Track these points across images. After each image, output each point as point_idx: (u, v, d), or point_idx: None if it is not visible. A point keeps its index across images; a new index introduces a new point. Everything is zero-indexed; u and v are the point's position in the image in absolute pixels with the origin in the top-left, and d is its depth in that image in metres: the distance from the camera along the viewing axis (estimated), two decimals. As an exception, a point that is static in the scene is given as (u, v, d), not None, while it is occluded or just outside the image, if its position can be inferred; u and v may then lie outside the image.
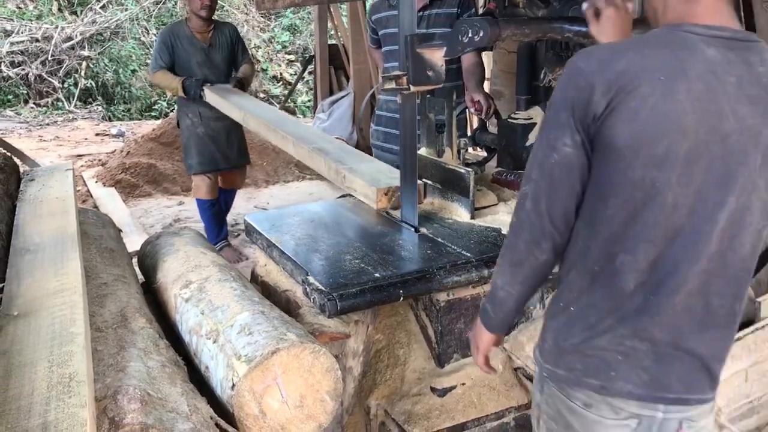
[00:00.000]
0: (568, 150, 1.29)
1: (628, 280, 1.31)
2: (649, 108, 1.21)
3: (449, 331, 2.25)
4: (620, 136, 1.23)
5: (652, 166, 1.23)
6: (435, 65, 2.19)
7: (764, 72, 1.27)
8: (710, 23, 1.27)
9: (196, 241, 2.62)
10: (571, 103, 1.27)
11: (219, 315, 1.91)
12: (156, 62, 4.56)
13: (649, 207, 1.26)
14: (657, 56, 1.24)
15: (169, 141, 6.90)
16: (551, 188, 1.33)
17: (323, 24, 7.51)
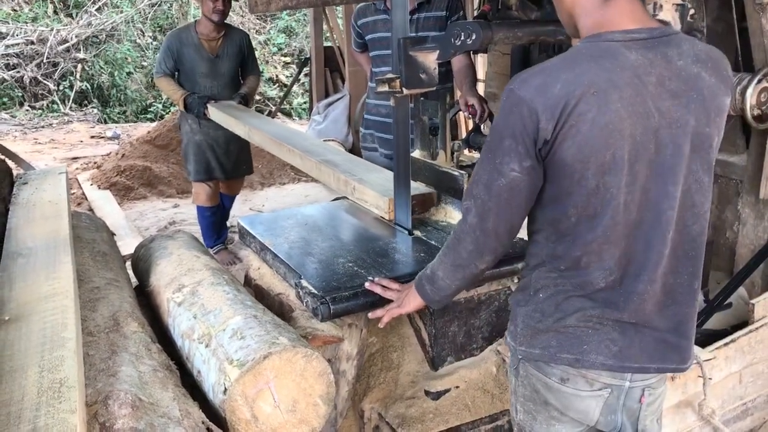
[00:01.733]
0: (515, 174, 1.38)
1: (597, 278, 1.42)
2: (590, 123, 1.30)
3: (443, 333, 2.25)
4: (570, 153, 1.32)
5: (603, 173, 1.33)
6: (428, 68, 2.19)
7: (683, 65, 1.36)
8: (627, 27, 1.35)
9: (189, 245, 2.61)
10: (516, 131, 1.35)
11: (211, 319, 1.90)
12: (160, 67, 4.43)
13: (606, 210, 1.36)
14: (587, 72, 1.31)
15: (165, 143, 6.89)
16: (499, 209, 1.44)
17: (318, 26, 7.52)
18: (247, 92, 4.50)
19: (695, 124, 1.37)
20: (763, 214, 2.85)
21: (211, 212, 4.72)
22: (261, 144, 3.60)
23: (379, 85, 2.29)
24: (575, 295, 1.45)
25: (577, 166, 1.33)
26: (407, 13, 2.23)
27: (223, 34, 4.43)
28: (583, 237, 1.40)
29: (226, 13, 4.32)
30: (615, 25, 1.36)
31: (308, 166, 2.99)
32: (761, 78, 2.36)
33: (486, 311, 2.30)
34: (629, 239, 1.40)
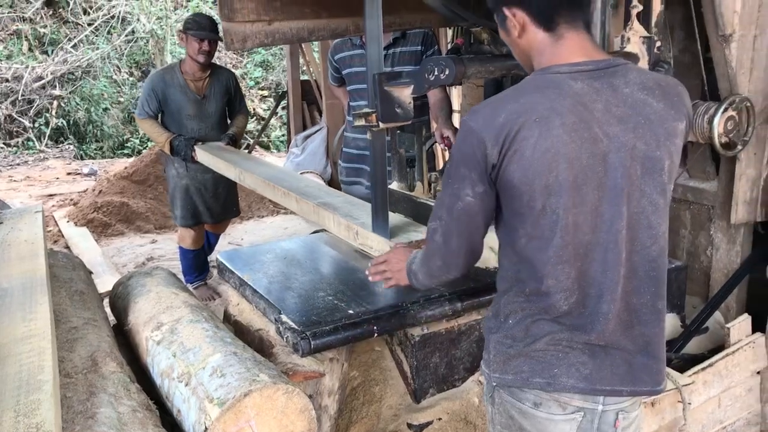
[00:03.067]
0: (470, 199, 1.48)
1: (558, 300, 1.46)
2: (532, 147, 1.37)
3: (425, 366, 2.25)
4: (516, 176, 1.40)
5: (548, 195, 1.40)
6: (403, 102, 2.22)
7: (629, 92, 1.44)
8: (574, 61, 1.45)
9: (168, 282, 2.60)
10: (468, 159, 1.45)
11: (191, 357, 1.89)
12: (143, 109, 4.20)
13: (556, 231, 1.42)
14: (530, 101, 1.40)
15: (142, 179, 6.85)
16: (459, 230, 1.54)
17: (295, 60, 7.58)
18: (236, 132, 4.34)
19: (644, 148, 1.44)
20: (735, 238, 2.90)
21: (194, 254, 4.58)
22: (253, 187, 3.45)
23: (356, 119, 2.31)
24: (543, 319, 1.49)
25: (523, 188, 1.41)
26: (381, 48, 2.27)
27: (210, 74, 4.25)
28: (537, 258, 1.46)
29: (212, 54, 4.15)
30: (564, 59, 1.45)
31: (306, 209, 2.87)
32: (727, 107, 2.42)
33: (467, 341, 2.30)
34: (585, 260, 1.44)
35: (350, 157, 3.83)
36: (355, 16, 2.65)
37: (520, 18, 1.49)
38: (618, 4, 2.30)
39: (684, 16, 2.69)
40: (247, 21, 2.49)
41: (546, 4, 1.46)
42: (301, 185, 3.09)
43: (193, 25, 4.03)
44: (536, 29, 1.48)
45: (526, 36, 1.50)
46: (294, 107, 7.64)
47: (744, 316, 2.69)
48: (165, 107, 4.20)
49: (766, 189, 2.75)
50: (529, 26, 1.48)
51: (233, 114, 4.47)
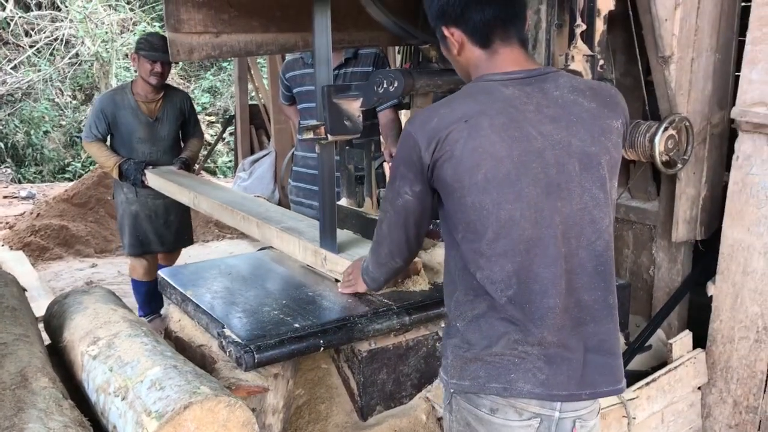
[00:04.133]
0: (408, 197, 1.59)
1: (494, 292, 1.50)
2: (461, 147, 1.45)
3: (372, 382, 2.21)
4: (448, 174, 1.48)
5: (477, 191, 1.46)
6: (352, 115, 2.22)
7: (559, 95, 1.52)
8: (507, 70, 1.54)
9: (107, 299, 2.50)
10: (406, 160, 1.55)
11: (128, 371, 1.81)
12: (90, 131, 3.97)
13: (487, 226, 1.47)
14: (461, 106, 1.50)
15: (83, 201, 6.67)
16: (400, 223, 1.68)
17: (243, 84, 7.53)
18: (189, 156, 4.15)
19: (580, 144, 1.49)
20: (676, 257, 2.97)
21: (147, 287, 4.30)
22: (209, 212, 3.29)
23: (304, 132, 2.29)
24: (494, 317, 1.51)
25: (455, 186, 1.48)
26: (330, 63, 2.27)
27: (163, 96, 4.07)
28: (472, 251, 1.51)
29: (165, 76, 3.97)
30: (497, 69, 1.55)
31: (268, 235, 2.73)
32: (667, 126, 2.49)
33: (415, 357, 2.28)
34: (527, 255, 1.48)
35: (300, 176, 3.80)
36: (304, 31, 2.64)
37: (458, 37, 1.57)
38: (562, 24, 2.37)
39: (625, 40, 2.78)
40: (193, 32, 2.45)
41: (481, 24, 1.53)
42: (261, 209, 2.96)
43: (146, 46, 3.86)
44: (473, 47, 1.57)
45: (464, 53, 1.59)
46: (242, 131, 7.59)
47: (685, 332, 2.74)
48: (114, 130, 4.00)
49: (705, 208, 2.83)
50: (466, 44, 1.57)
51: (187, 137, 4.29)
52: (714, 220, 2.84)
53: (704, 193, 2.81)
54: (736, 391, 2.65)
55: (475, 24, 1.54)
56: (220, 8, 2.46)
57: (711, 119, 2.74)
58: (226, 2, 2.41)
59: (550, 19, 2.37)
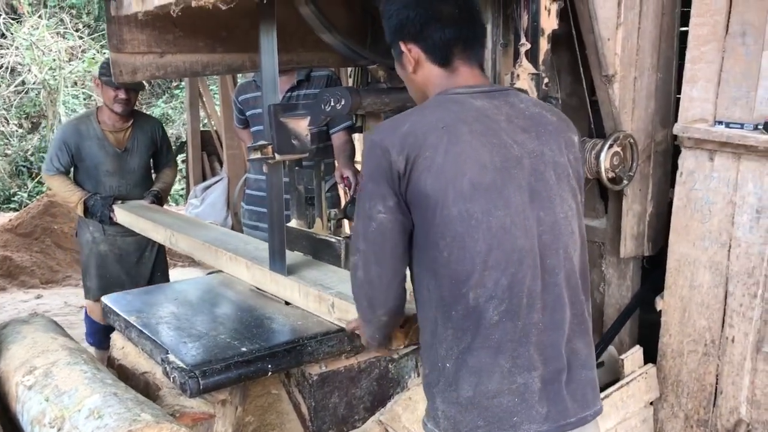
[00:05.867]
0: (382, 216, 1.40)
1: (489, 311, 1.37)
2: (442, 153, 1.35)
3: (323, 406, 2.16)
4: (426, 183, 1.35)
5: (462, 200, 1.35)
6: (300, 134, 2.20)
7: (524, 107, 1.50)
8: (470, 84, 1.50)
9: (47, 328, 2.42)
10: (374, 173, 1.40)
11: (66, 400, 1.74)
12: (51, 164, 3.60)
13: (477, 237, 1.35)
14: (434, 113, 1.42)
15: (28, 231, 6.48)
16: (376, 256, 1.44)
17: (195, 111, 7.46)
18: (162, 188, 3.80)
19: (551, 154, 1.45)
20: (625, 273, 3.00)
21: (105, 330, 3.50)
22: (189, 251, 2.95)
23: (252, 152, 2.26)
24: (481, 348, 1.37)
25: (437, 196, 1.35)
26: (276, 81, 2.24)
27: (131, 124, 3.71)
28: (461, 270, 1.36)
29: (131, 103, 3.62)
30: (458, 85, 1.49)
31: (260, 277, 2.42)
32: (612, 143, 2.53)
33: (367, 380, 2.24)
34: (520, 266, 1.37)
35: (253, 199, 3.75)
36: (251, 52, 2.63)
37: (415, 53, 1.51)
38: (507, 43, 2.40)
39: (570, 60, 2.82)
40: (137, 52, 2.41)
41: (441, 42, 1.48)
42: (249, 247, 2.67)
43: (107, 71, 3.31)
44: (431, 65, 1.51)
45: (421, 71, 1.52)
46: (193, 158, 7.49)
47: (636, 347, 2.76)
48: (79, 162, 3.63)
49: (651, 224, 2.87)
50: (424, 62, 1.51)
51: (159, 167, 3.94)
52: (660, 236, 2.88)
53: (650, 209, 2.85)
54: (687, 405, 2.67)
55: (435, 42, 1.49)
56: (164, 28, 2.43)
57: (655, 136, 2.79)
58: (170, 22, 2.37)
59: (495, 39, 2.40)
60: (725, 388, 2.56)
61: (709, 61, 2.50)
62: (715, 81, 2.50)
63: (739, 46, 2.43)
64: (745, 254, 2.46)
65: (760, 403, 2.48)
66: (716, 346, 2.58)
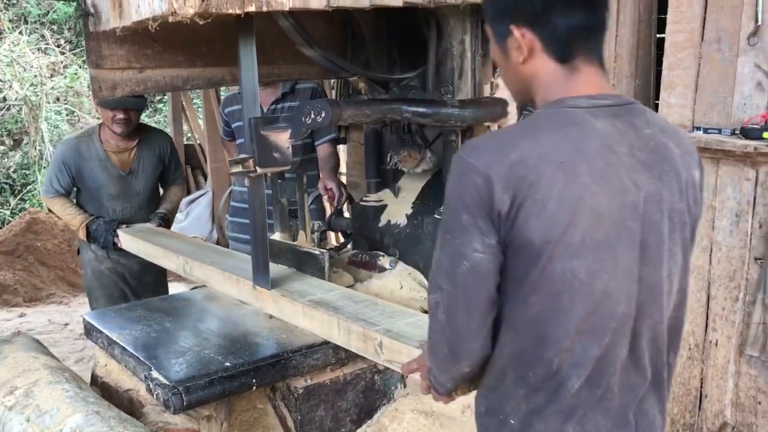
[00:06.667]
0: (479, 256, 1.16)
1: (571, 379, 1.19)
2: (557, 197, 1.12)
3: (309, 419, 2.15)
4: (533, 232, 1.13)
5: (569, 256, 1.14)
6: (281, 147, 2.19)
7: (651, 134, 1.23)
8: (590, 93, 1.22)
9: (28, 347, 2.39)
10: (470, 204, 1.16)
11: (47, 420, 1.72)
12: (51, 186, 3.39)
13: (576, 300, 1.15)
14: (551, 141, 1.15)
15: (10, 249, 6.41)
16: (467, 300, 1.19)
17: (178, 125, 7.44)
18: (169, 209, 3.59)
19: (670, 199, 1.22)
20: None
21: None
22: (205, 280, 2.68)
23: (233, 165, 2.26)
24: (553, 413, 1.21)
25: (543, 248, 1.13)
26: (257, 93, 2.24)
27: (138, 143, 3.45)
28: (551, 333, 1.18)
29: (132, 122, 3.35)
30: (578, 91, 1.23)
31: (290, 311, 2.24)
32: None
33: (353, 392, 2.23)
34: (615, 335, 1.19)
35: (237, 211, 3.76)
36: (231, 65, 2.63)
37: (529, 41, 1.23)
38: (487, 54, 2.42)
39: (549, 69, 2.85)
40: (116, 68, 2.41)
41: (565, 32, 1.21)
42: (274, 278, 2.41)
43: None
44: (547, 58, 1.24)
45: (532, 63, 1.25)
46: (178, 172, 7.46)
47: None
48: (80, 184, 3.42)
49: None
50: (539, 53, 1.24)
51: (166, 184, 3.69)
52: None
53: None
54: (673, 410, 2.68)
55: (556, 31, 1.21)
56: (143, 43, 2.42)
57: (634, 143, 2.82)
58: (149, 37, 2.37)
59: (474, 49, 2.42)
60: (710, 392, 2.57)
61: (686, 68, 2.53)
62: (693, 87, 2.53)
63: (715, 52, 2.46)
64: (726, 258, 2.48)
65: (744, 406, 2.50)
66: (700, 350, 2.59)
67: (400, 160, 2.66)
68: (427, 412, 2.18)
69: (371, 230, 2.84)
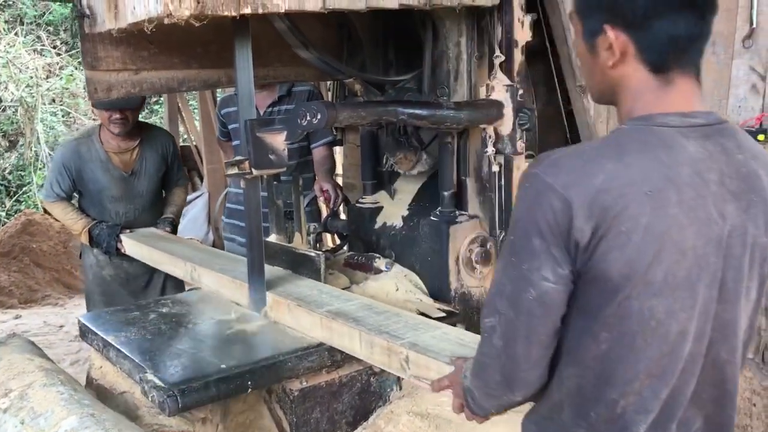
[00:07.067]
0: (549, 285, 1.08)
1: (636, 424, 1.12)
2: (643, 230, 1.03)
3: (305, 422, 2.15)
4: (613, 266, 1.04)
5: (650, 294, 1.06)
6: (277, 149, 2.19)
7: (743, 160, 1.13)
8: (683, 110, 1.12)
9: (23, 349, 2.38)
10: (544, 228, 1.06)
11: (42, 422, 1.72)
12: (51, 189, 3.32)
13: (651, 341, 1.08)
14: (638, 164, 1.06)
15: (6, 251, 6.41)
16: (529, 329, 1.11)
17: (174, 126, 7.44)
18: (175, 213, 3.53)
19: (754, 233, 1.13)
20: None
21: None
22: (216, 289, 2.58)
23: (229, 167, 2.25)
24: None
25: (622, 284, 1.05)
26: (252, 95, 2.24)
27: (139, 143, 3.38)
28: (619, 372, 1.10)
29: (130, 121, 3.27)
30: (670, 107, 1.12)
31: (307, 322, 2.15)
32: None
33: (348, 394, 2.23)
34: (681, 376, 1.12)
35: (232, 213, 3.77)
36: (227, 67, 2.62)
37: (622, 44, 1.12)
38: (482, 55, 2.43)
39: (545, 71, 2.85)
40: (111, 70, 2.40)
41: (665, 39, 1.10)
42: (289, 285, 2.37)
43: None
44: (640, 66, 1.13)
45: (622, 67, 1.14)
46: (174, 173, 7.46)
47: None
48: (81, 186, 3.34)
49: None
50: (631, 59, 1.13)
51: (169, 187, 3.61)
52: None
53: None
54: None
55: (657, 36, 1.10)
56: (138, 45, 2.42)
57: (630, 145, 2.83)
58: (144, 39, 2.37)
59: (470, 51, 2.43)
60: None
61: (681, 70, 2.54)
62: (688, 90, 2.53)
63: (710, 55, 2.47)
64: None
65: (739, 407, 2.50)
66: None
67: (395, 162, 2.66)
68: (423, 414, 2.18)
69: (367, 232, 2.84)
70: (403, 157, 2.64)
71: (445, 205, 2.52)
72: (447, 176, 2.50)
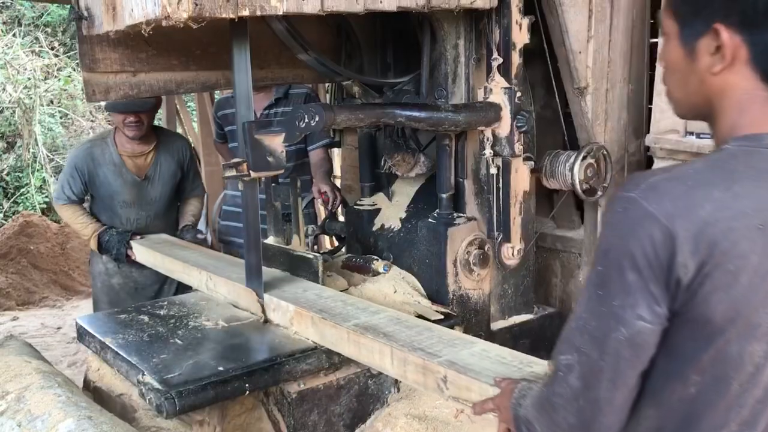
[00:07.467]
0: (643, 325, 0.96)
1: None
2: (752, 270, 0.93)
3: (302, 424, 2.15)
4: (716, 308, 0.94)
5: (750, 339, 0.96)
6: (275, 151, 2.19)
7: None
8: None
9: (20, 351, 2.38)
10: (641, 261, 0.94)
11: (38, 425, 1.71)
12: (62, 192, 3.25)
13: (749, 387, 0.99)
14: (750, 195, 0.94)
15: (3, 252, 6.40)
16: (615, 373, 0.99)
17: (172, 128, 7.44)
18: (193, 224, 3.47)
19: None
20: (602, 284, 3.01)
21: None
22: (233, 299, 2.49)
23: (227, 170, 2.26)
24: None
25: (724, 326, 0.95)
26: (251, 97, 2.24)
27: (155, 147, 3.31)
28: (706, 417, 1.01)
29: (145, 125, 3.21)
30: None
31: (332, 336, 2.04)
32: (585, 155, 2.56)
33: (346, 396, 2.23)
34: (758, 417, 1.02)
35: (229, 215, 3.77)
36: (225, 69, 2.62)
37: (733, 47, 0.99)
38: (480, 58, 2.43)
39: (543, 73, 2.85)
40: (109, 72, 2.40)
41: None
42: (309, 294, 2.28)
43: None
44: (752, 74, 1.00)
45: (727, 74, 1.01)
46: (172, 175, 7.45)
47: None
48: (93, 190, 3.28)
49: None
50: (741, 66, 1.00)
51: (184, 195, 3.53)
52: (636, 246, 2.91)
53: (625, 219, 2.88)
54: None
55: None
56: (136, 47, 2.42)
57: (628, 147, 2.83)
58: (143, 41, 2.37)
59: (468, 54, 2.43)
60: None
61: (678, 73, 2.54)
62: (685, 92, 2.54)
63: (708, 57, 2.47)
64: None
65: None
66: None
67: (393, 164, 2.66)
68: (420, 416, 2.18)
69: (365, 234, 2.84)
70: (401, 160, 2.64)
71: (442, 207, 2.53)
72: (445, 178, 2.51)
